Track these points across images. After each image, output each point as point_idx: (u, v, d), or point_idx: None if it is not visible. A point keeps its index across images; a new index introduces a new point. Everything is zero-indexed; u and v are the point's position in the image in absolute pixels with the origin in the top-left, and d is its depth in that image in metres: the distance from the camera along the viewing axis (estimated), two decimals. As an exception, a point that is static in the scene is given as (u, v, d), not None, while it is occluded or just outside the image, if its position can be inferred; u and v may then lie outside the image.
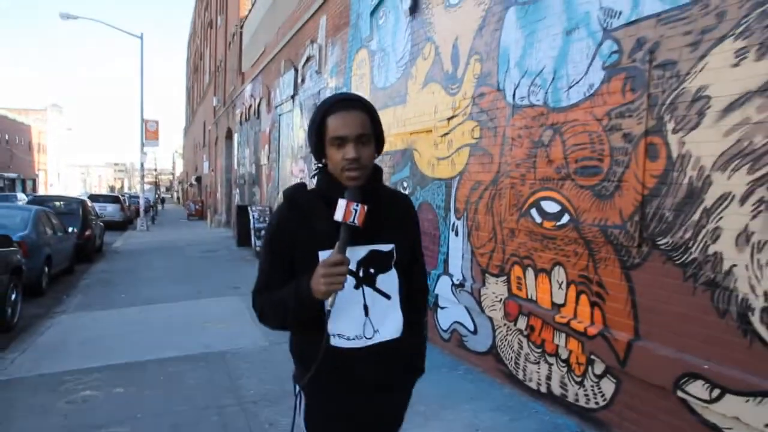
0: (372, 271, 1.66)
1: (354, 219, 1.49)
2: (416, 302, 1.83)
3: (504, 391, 4.34)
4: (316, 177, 1.68)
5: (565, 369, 3.82)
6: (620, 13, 3.37)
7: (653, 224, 3.15)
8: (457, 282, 5.09)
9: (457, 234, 5.11)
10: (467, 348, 4.97)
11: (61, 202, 13.79)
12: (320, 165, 1.66)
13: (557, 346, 3.87)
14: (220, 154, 25.29)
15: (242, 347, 5.75)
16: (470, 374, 4.74)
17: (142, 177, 24.21)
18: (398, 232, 1.71)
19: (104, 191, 57.45)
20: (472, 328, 4.89)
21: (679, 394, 2.96)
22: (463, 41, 5.00)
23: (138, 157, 24.97)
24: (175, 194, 75.73)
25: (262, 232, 13.03)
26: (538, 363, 4.07)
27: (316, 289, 1.49)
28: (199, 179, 38.31)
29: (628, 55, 3.30)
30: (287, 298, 1.58)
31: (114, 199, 23.75)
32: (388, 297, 1.68)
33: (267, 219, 13.27)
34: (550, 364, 3.95)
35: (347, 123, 1.54)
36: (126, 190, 68.28)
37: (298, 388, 1.72)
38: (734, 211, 2.72)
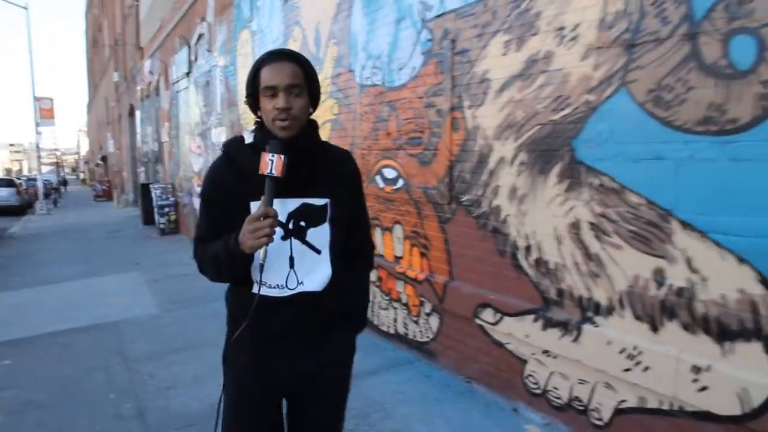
0: (303, 224, 1.68)
1: (271, 170, 1.52)
2: (357, 263, 1.87)
3: (362, 336, 4.99)
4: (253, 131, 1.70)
5: (405, 312, 4.51)
6: (432, 7, 3.98)
7: (458, 185, 3.84)
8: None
9: (325, 201, 5.67)
10: (338, 302, 5.59)
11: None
12: (258, 120, 1.68)
13: (399, 292, 4.55)
14: (124, 131, 24.54)
15: (135, 316, 6.09)
16: (339, 324, 5.37)
17: (39, 158, 23.18)
18: (335, 187, 1.71)
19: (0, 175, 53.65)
20: (340, 284, 5.51)
21: (477, 321, 3.70)
22: (323, 26, 5.50)
23: (34, 135, 23.77)
24: (81, 175, 72.04)
25: (166, 209, 13.22)
26: (387, 309, 4.74)
27: (244, 243, 1.52)
28: (104, 158, 36.83)
29: (438, 42, 3.93)
30: (219, 252, 1.61)
31: (8, 183, 22.57)
32: (318, 251, 1.70)
33: (169, 197, 13.33)
34: (395, 309, 4.63)
35: (278, 73, 1.57)
36: (25, 172, 64.08)
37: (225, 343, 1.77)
38: (507, 172, 3.42)
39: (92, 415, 3.69)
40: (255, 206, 1.58)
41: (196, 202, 10.92)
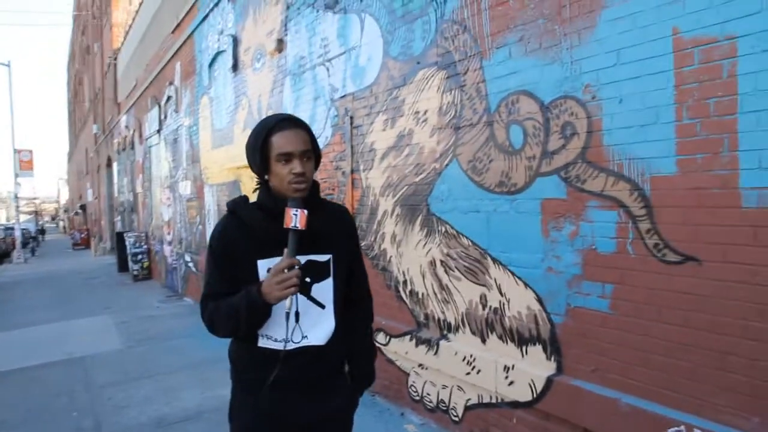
0: (308, 280, 1.75)
1: (296, 223, 1.60)
2: (358, 310, 1.95)
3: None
4: (257, 191, 1.78)
5: (328, 339, 5.31)
6: (338, 89, 4.94)
7: (359, 232, 4.70)
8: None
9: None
10: (279, 335, 6.38)
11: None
12: (261, 181, 1.75)
13: (323, 323, 5.36)
14: (102, 181, 25.31)
15: (101, 352, 6.79)
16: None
17: (17, 208, 23.76)
18: (336, 243, 1.80)
19: (-22, 224, 53.42)
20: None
21: (375, 343, 4.51)
22: (264, 98, 6.47)
23: (13, 186, 24.43)
24: (61, 223, 72.03)
25: (139, 257, 13.92)
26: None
27: (269, 294, 1.58)
28: (84, 207, 37.34)
29: (342, 118, 4.88)
30: (238, 307, 1.64)
31: (-14, 233, 23.15)
32: (322, 306, 1.78)
33: (142, 244, 14.05)
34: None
35: (293, 140, 1.66)
36: (3, 221, 63.92)
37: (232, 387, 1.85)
38: (389, 222, 4.32)
39: (55, 429, 4.41)
40: (261, 264, 1.69)
41: (167, 250, 11.69)
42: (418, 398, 4.13)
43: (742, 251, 2.24)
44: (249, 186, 7.00)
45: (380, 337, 4.44)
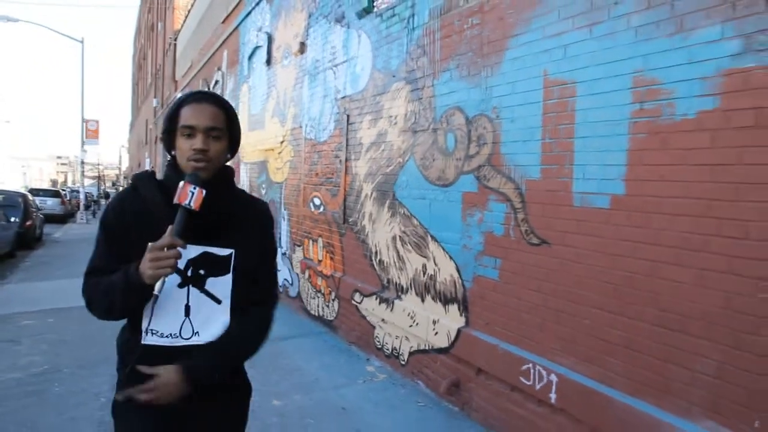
0: (202, 272, 1.61)
1: (190, 202, 1.46)
2: (251, 313, 1.69)
3: (299, 318, 6.87)
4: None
5: (322, 299, 6.37)
6: (340, 90, 5.92)
7: (348, 210, 5.72)
8: (283, 252, 7.62)
9: (284, 220, 7.63)
10: (289, 295, 7.49)
11: (2, 195, 15.54)
12: (170, 157, 1.63)
13: (320, 285, 6.41)
14: (159, 152, 27.16)
15: (141, 301, 8.08)
16: (284, 312, 7.26)
17: (83, 173, 25.85)
18: (243, 238, 1.65)
19: (46, 185, 57.14)
20: (290, 281, 7.42)
21: (353, 301, 5.53)
22: (288, 91, 7.51)
23: (80, 152, 26.53)
24: (121, 189, 75.70)
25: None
26: (315, 298, 6.61)
27: (144, 272, 1.45)
28: (142, 175, 39.62)
29: (342, 115, 5.86)
30: (116, 283, 1.52)
31: (54, 194, 25.26)
32: (218, 301, 1.63)
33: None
34: (318, 298, 6.49)
35: (199, 114, 1.54)
36: (69, 184, 67.96)
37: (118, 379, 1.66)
38: (368, 203, 5.30)
39: (103, 347, 5.63)
40: None
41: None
42: (380, 347, 5.13)
43: (572, 237, 3.12)
44: (272, 166, 8.11)
45: (357, 297, 5.45)
